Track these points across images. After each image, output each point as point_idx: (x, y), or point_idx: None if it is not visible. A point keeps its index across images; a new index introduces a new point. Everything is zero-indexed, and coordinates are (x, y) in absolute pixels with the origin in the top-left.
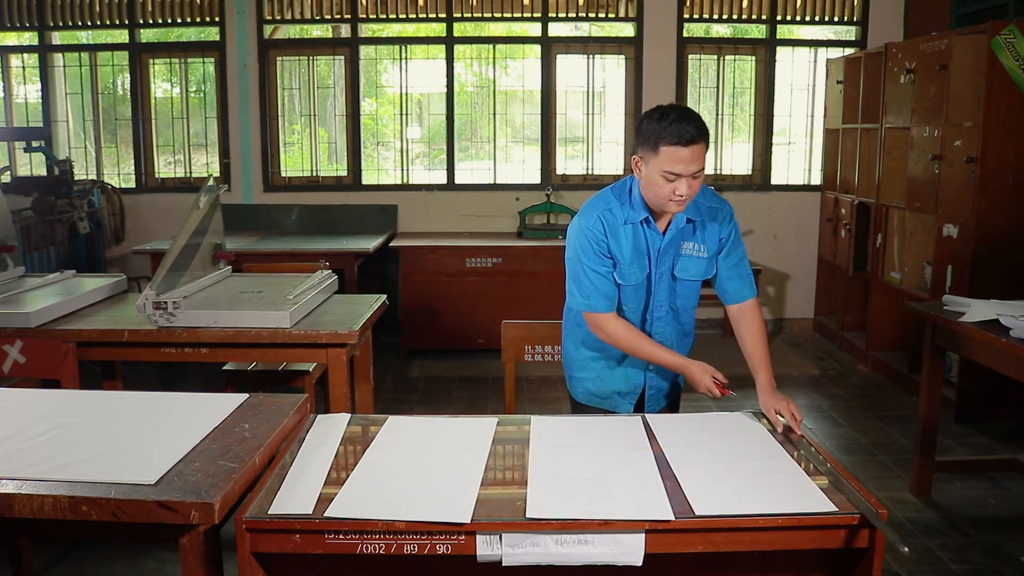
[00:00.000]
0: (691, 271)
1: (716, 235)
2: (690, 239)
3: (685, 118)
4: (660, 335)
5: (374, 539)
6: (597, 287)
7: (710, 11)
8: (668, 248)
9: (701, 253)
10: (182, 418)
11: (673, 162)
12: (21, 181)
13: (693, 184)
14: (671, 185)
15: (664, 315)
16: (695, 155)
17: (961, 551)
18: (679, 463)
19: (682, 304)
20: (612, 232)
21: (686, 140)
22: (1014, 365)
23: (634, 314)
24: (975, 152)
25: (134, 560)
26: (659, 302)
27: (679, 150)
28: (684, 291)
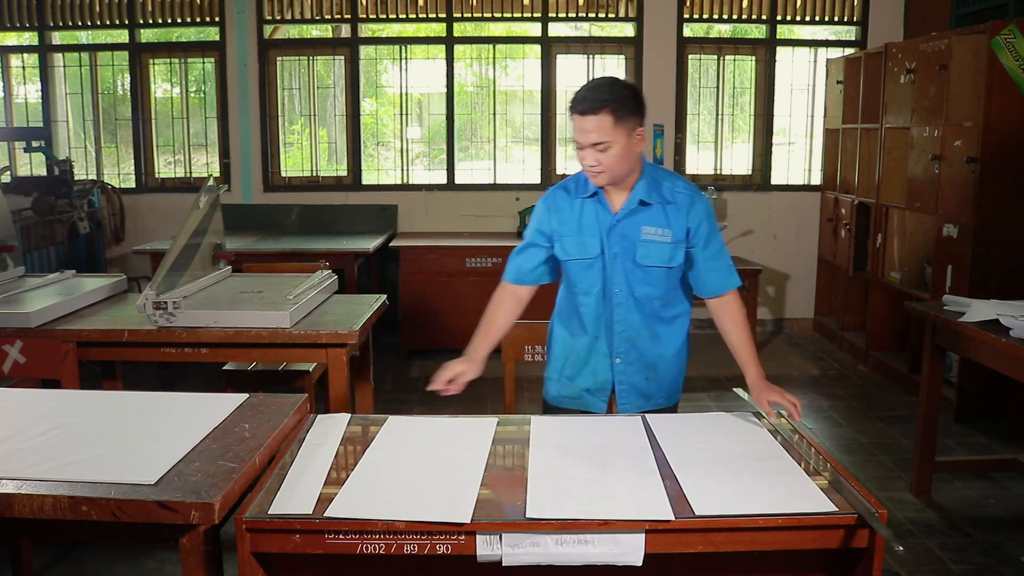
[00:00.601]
0: (653, 256)
1: (683, 222)
2: (651, 223)
3: (594, 88)
4: (623, 322)
5: (374, 539)
6: (514, 258)
7: (710, 11)
8: (620, 229)
9: (664, 238)
10: (182, 418)
11: (576, 131)
12: (21, 181)
13: (601, 158)
14: (581, 153)
15: (624, 301)
16: (591, 126)
17: (961, 551)
18: (679, 463)
19: (645, 293)
20: (557, 207)
21: (579, 109)
22: (1014, 365)
23: (592, 296)
24: (975, 152)
25: (134, 560)
26: (616, 284)
27: (577, 119)
28: (647, 278)
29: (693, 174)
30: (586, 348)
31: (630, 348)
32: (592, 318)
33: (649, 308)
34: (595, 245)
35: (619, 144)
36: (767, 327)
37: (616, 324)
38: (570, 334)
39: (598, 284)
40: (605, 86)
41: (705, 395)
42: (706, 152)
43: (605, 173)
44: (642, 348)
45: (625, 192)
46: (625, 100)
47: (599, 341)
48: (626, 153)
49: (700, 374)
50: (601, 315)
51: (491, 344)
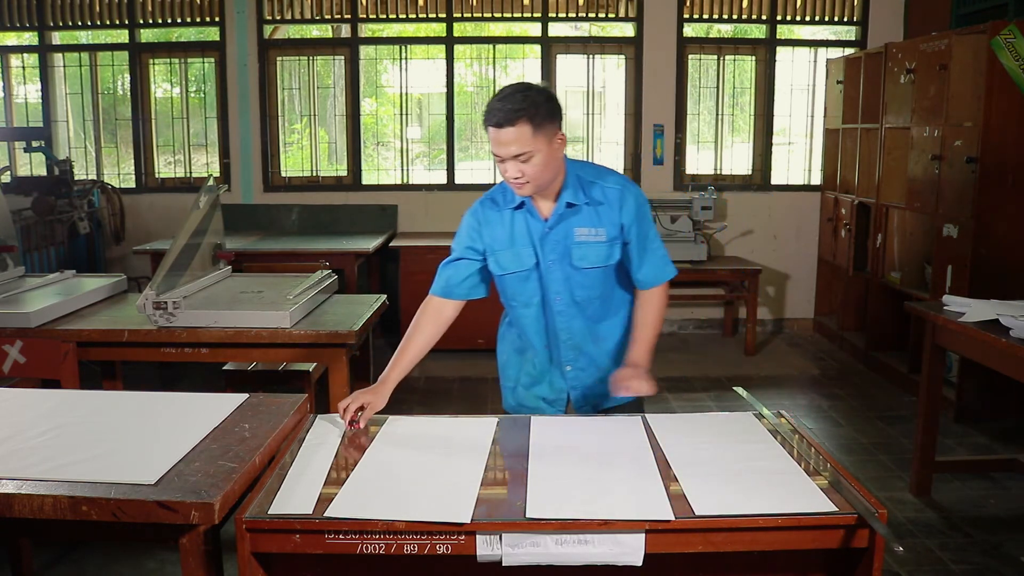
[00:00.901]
0: (590, 258)
1: (615, 217)
2: (583, 224)
3: (507, 99)
4: (566, 331)
5: (374, 539)
6: (441, 272)
7: (710, 11)
8: (553, 235)
9: (598, 237)
10: (182, 418)
11: (493, 143)
12: (21, 181)
13: (524, 168)
14: (502, 166)
15: (565, 308)
16: (510, 137)
17: (961, 551)
18: (679, 463)
19: (585, 296)
20: (486, 220)
21: (495, 122)
22: (1014, 365)
23: (532, 308)
24: (975, 152)
25: (134, 560)
26: (555, 293)
27: (493, 131)
28: (585, 281)
29: (693, 174)
30: (536, 361)
31: (579, 355)
32: (536, 330)
33: (590, 310)
34: (530, 256)
35: (541, 152)
36: (767, 327)
37: (560, 333)
38: (517, 350)
39: (537, 295)
40: (518, 95)
41: (705, 395)
42: (706, 152)
43: (530, 183)
44: (590, 352)
45: (552, 197)
46: (541, 106)
47: (546, 352)
48: (549, 160)
49: (700, 374)
50: (544, 326)
51: (403, 372)
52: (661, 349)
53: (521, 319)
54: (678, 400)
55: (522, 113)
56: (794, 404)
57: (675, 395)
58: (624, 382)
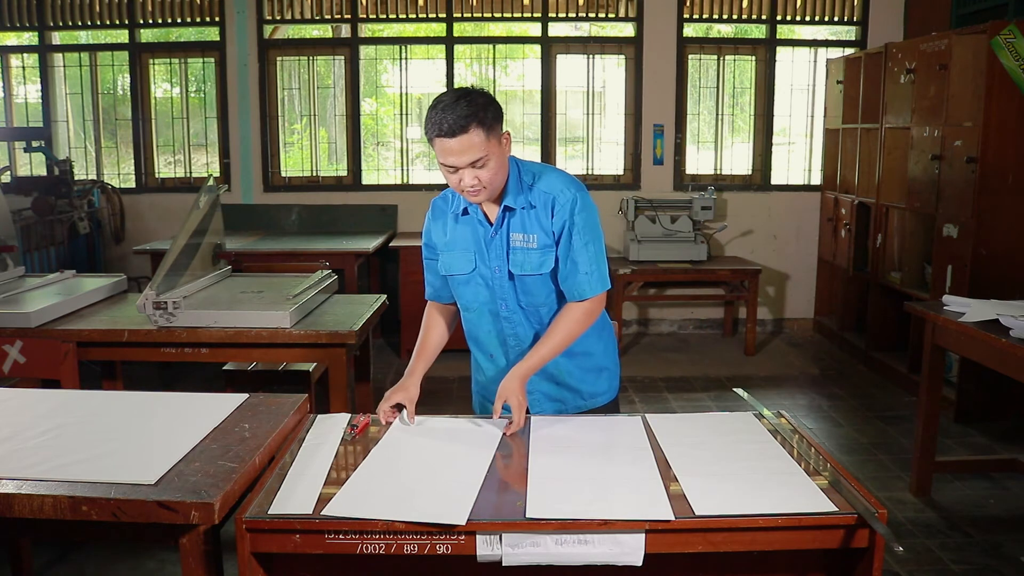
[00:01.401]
0: (525, 265)
1: (547, 225)
2: (519, 230)
3: (453, 106)
4: (514, 336)
5: (374, 539)
6: (426, 276)
7: (710, 11)
8: (497, 240)
9: (530, 244)
10: (182, 418)
11: (444, 154)
12: (21, 181)
13: (480, 174)
14: (455, 177)
15: (511, 314)
16: (464, 146)
17: (961, 551)
18: (679, 463)
19: (530, 302)
20: (436, 219)
21: (447, 132)
22: (1014, 365)
23: (473, 312)
24: (975, 152)
25: (134, 560)
26: (502, 299)
27: (444, 142)
28: (527, 287)
29: (693, 174)
30: (487, 365)
31: None
32: (481, 334)
33: (536, 317)
34: (470, 261)
35: (494, 156)
36: (767, 327)
37: (508, 339)
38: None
39: (478, 299)
40: (462, 101)
41: (705, 395)
42: (706, 152)
43: (486, 189)
44: None
45: (497, 200)
46: (487, 108)
47: (495, 358)
48: (501, 163)
49: (700, 374)
50: (490, 331)
51: (428, 363)
52: (661, 349)
53: (466, 322)
54: (678, 400)
55: (471, 119)
56: (794, 404)
57: (675, 395)
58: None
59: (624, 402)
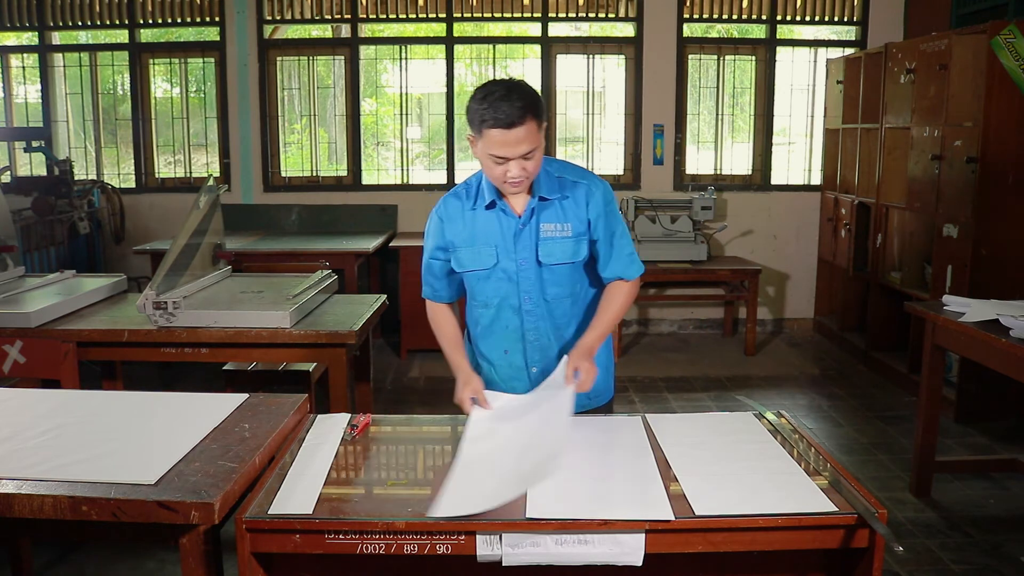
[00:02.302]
0: (556, 254)
1: (582, 214)
2: (551, 219)
3: (508, 97)
4: (535, 330)
5: (374, 539)
6: (425, 276)
7: (710, 11)
8: (526, 231)
9: (564, 233)
10: (182, 418)
11: (497, 145)
12: (21, 181)
13: (527, 165)
14: (501, 168)
15: (534, 308)
16: (521, 136)
17: (961, 551)
18: (679, 463)
19: (554, 294)
20: (449, 216)
21: (508, 122)
22: (1014, 365)
23: (492, 308)
24: (975, 152)
25: (134, 560)
26: (526, 292)
27: (503, 132)
28: (553, 278)
29: (693, 174)
30: (498, 362)
31: (544, 356)
32: (497, 330)
33: (560, 310)
34: (491, 255)
35: (540, 147)
36: (767, 327)
37: (528, 333)
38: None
39: (498, 295)
40: (515, 92)
41: (705, 395)
42: (706, 152)
43: (527, 180)
44: (555, 354)
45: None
46: (538, 101)
47: (510, 354)
48: (542, 154)
49: (700, 374)
50: (508, 326)
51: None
52: (661, 349)
53: (481, 318)
54: (678, 400)
55: (527, 110)
56: (794, 404)
57: (675, 395)
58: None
59: (624, 402)
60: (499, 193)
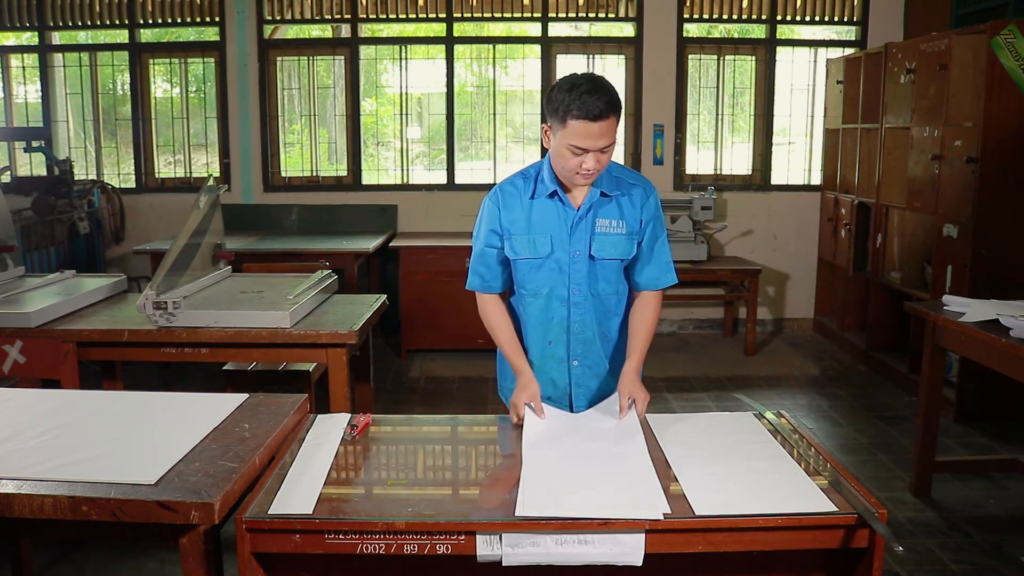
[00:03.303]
0: (609, 250)
1: (636, 213)
2: (606, 215)
3: (595, 91)
4: (580, 322)
5: (374, 539)
6: (474, 266)
7: (710, 11)
8: (582, 224)
9: (619, 230)
10: (182, 418)
11: (580, 137)
12: (21, 181)
13: (602, 158)
14: (578, 159)
15: (582, 300)
16: (603, 130)
17: (961, 551)
18: (679, 463)
19: (603, 289)
20: (507, 205)
21: (594, 115)
22: (1014, 365)
23: (541, 298)
24: (975, 152)
25: (134, 560)
26: (576, 284)
27: (587, 125)
28: (604, 273)
29: (693, 174)
30: (540, 354)
31: (587, 350)
32: (542, 320)
33: (605, 305)
34: (546, 245)
35: (614, 143)
36: (767, 327)
37: (573, 325)
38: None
39: (547, 285)
40: (602, 86)
41: (705, 395)
42: (706, 152)
43: (598, 173)
44: (596, 349)
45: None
46: (618, 97)
47: (554, 345)
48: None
49: (700, 374)
50: (554, 317)
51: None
52: (661, 349)
53: (529, 307)
54: (678, 400)
55: (613, 105)
56: (794, 404)
57: (675, 395)
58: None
59: None
60: (560, 183)
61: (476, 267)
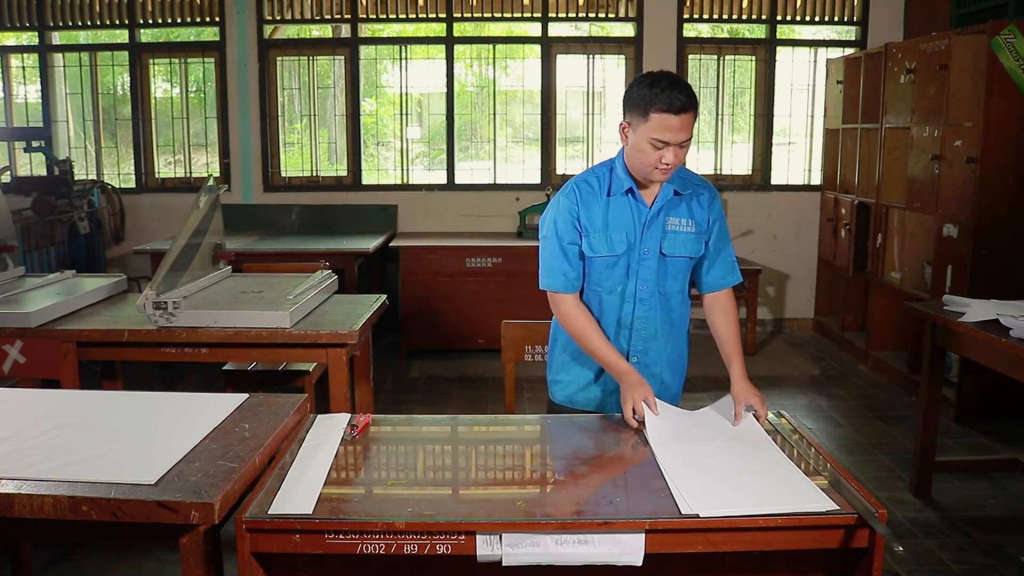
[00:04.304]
0: (679, 247)
1: (704, 213)
2: (676, 215)
3: (676, 86)
4: (643, 319)
5: (374, 539)
6: (556, 265)
7: (710, 11)
8: (655, 221)
9: (689, 228)
10: (182, 418)
11: (662, 130)
12: (21, 181)
13: (680, 153)
14: (658, 153)
15: (649, 297)
16: (684, 123)
17: (961, 551)
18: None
19: (671, 287)
20: (584, 202)
21: (677, 108)
22: (1014, 365)
23: (616, 295)
24: (975, 152)
25: (134, 560)
26: (643, 281)
27: (669, 118)
28: (673, 271)
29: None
30: None
31: (647, 347)
32: (615, 317)
33: (669, 304)
34: (622, 242)
35: (691, 139)
36: (767, 327)
37: (637, 321)
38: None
39: (623, 282)
40: (681, 82)
41: (705, 395)
42: (706, 152)
43: (675, 168)
44: (657, 347)
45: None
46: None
47: (618, 340)
48: None
49: (700, 374)
50: (623, 313)
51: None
52: None
53: (604, 303)
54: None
55: (693, 101)
56: (794, 404)
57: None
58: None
59: None
60: (635, 181)
61: (558, 265)
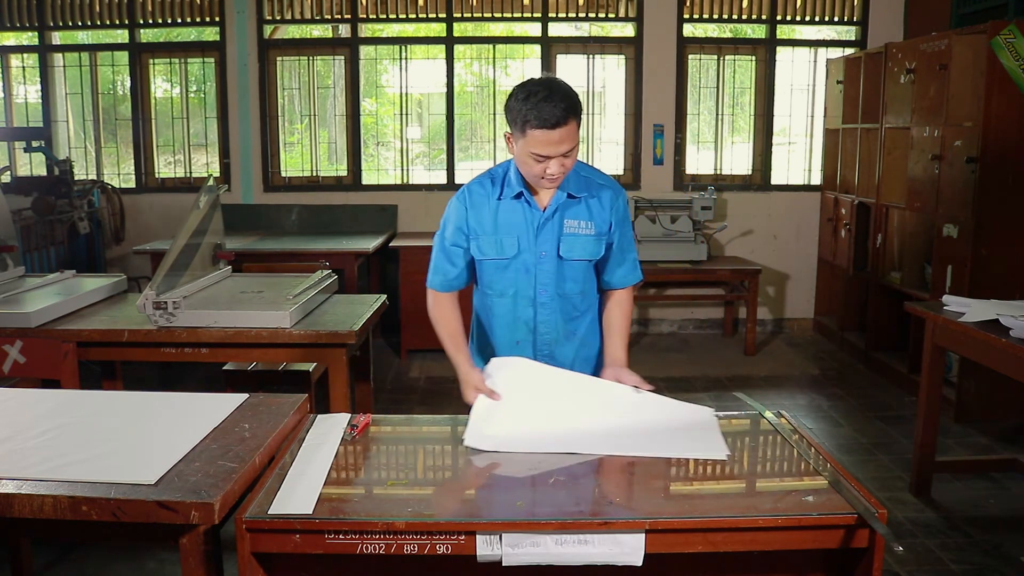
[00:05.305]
0: (577, 250)
1: (605, 215)
2: (574, 216)
3: (551, 97)
4: (546, 323)
5: (374, 539)
6: (438, 265)
7: (710, 11)
8: (549, 225)
9: (588, 231)
10: (182, 418)
11: (540, 145)
12: (21, 181)
13: (565, 162)
14: (541, 166)
15: (549, 301)
16: (564, 136)
17: (961, 551)
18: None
19: (570, 289)
20: (474, 204)
21: (551, 123)
22: (1014, 365)
23: (507, 299)
24: (975, 152)
25: (134, 560)
26: (543, 285)
27: (546, 133)
28: (572, 273)
29: (693, 174)
30: (508, 353)
31: (552, 351)
32: (509, 321)
33: (570, 305)
34: (513, 245)
35: (577, 145)
36: (767, 327)
37: (539, 326)
38: (488, 341)
39: (514, 286)
40: (557, 92)
41: (705, 395)
42: (706, 152)
43: (563, 176)
44: (562, 349)
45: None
46: (576, 99)
47: (521, 345)
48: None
49: (700, 374)
50: (521, 317)
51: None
52: (661, 349)
53: (495, 307)
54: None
55: (571, 111)
56: (794, 404)
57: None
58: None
59: None
60: (526, 185)
61: (440, 266)
